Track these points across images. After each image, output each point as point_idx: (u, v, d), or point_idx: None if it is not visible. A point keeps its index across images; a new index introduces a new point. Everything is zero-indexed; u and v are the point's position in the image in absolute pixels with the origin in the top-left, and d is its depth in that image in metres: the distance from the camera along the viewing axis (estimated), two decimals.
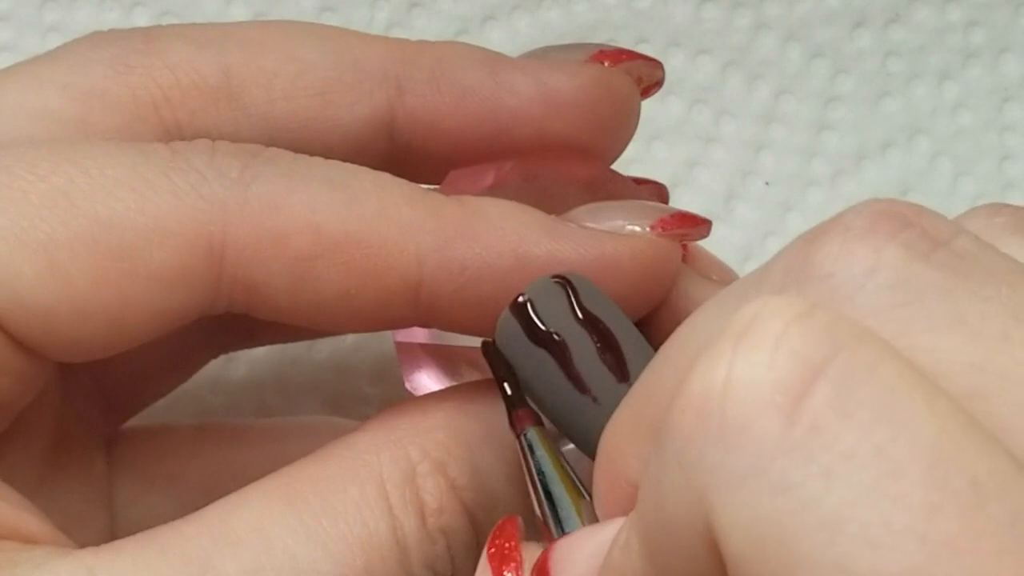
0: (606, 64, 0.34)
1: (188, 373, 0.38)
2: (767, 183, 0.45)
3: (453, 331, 0.31)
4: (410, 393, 0.34)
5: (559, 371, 0.29)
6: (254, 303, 0.30)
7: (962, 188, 0.45)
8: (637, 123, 0.35)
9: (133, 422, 0.37)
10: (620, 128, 0.34)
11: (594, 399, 0.29)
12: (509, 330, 0.29)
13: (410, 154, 0.34)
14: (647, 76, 0.35)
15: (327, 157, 0.31)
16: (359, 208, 0.30)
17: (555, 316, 0.29)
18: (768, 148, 0.45)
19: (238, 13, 0.45)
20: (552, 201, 0.32)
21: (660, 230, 0.31)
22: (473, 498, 0.30)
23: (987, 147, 0.45)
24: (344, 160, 0.31)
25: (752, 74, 0.45)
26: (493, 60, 0.34)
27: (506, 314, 0.29)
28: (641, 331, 0.30)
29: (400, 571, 0.29)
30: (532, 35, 0.45)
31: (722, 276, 0.33)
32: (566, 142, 0.34)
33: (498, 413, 0.30)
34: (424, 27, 0.45)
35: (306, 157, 0.31)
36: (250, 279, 0.29)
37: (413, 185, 0.31)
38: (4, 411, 0.30)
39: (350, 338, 0.42)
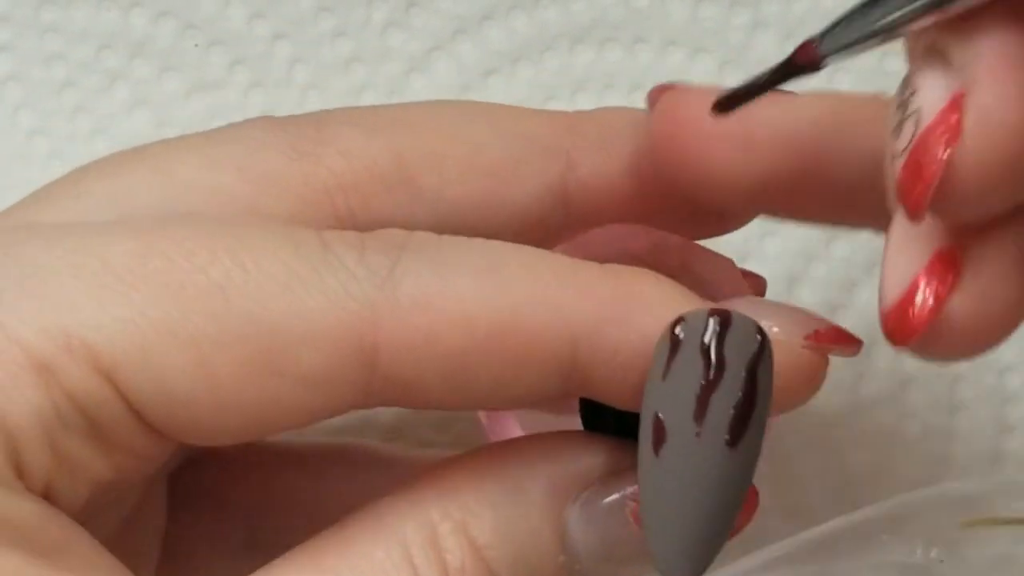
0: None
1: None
2: None
3: (607, 401, 0.31)
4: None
5: (690, 397, 0.29)
6: (407, 398, 0.30)
7: None
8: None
9: None
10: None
11: (697, 435, 0.29)
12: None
13: (585, 222, 0.34)
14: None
15: (501, 237, 0.31)
16: (510, 296, 0.29)
17: (733, 350, 0.29)
18: None
19: (236, 14, 0.45)
20: None
21: (813, 341, 0.30)
22: (496, 556, 0.30)
23: None
24: (521, 236, 0.31)
25: (750, 73, 0.44)
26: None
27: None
28: None
29: None
30: (530, 34, 0.45)
31: None
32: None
33: (521, 471, 0.30)
34: (422, 26, 0.45)
35: (452, 241, 0.30)
36: (403, 378, 0.29)
37: (562, 259, 0.30)
38: (119, 485, 0.30)
39: None
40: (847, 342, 0.31)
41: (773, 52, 0.45)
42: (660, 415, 0.29)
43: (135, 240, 0.29)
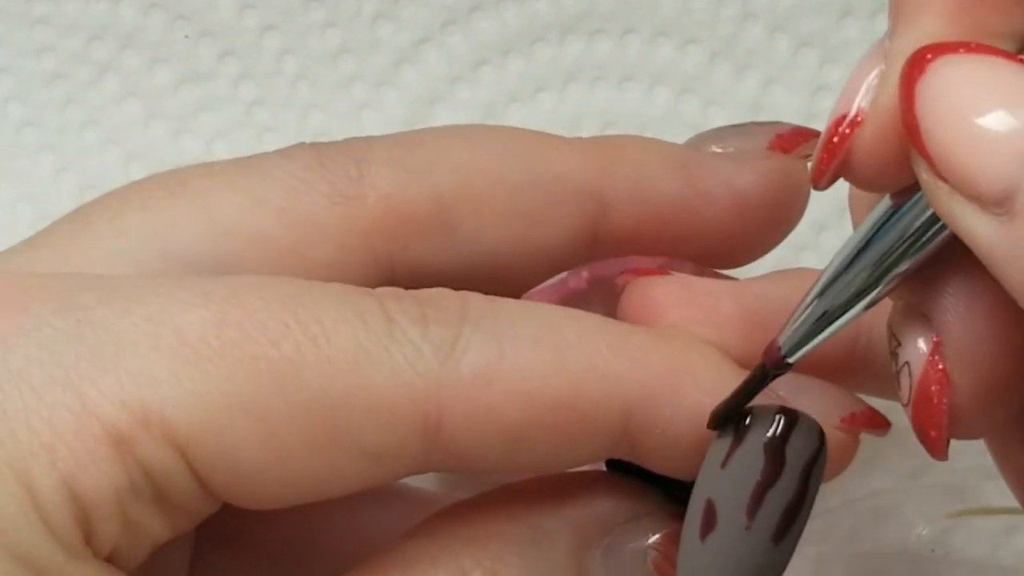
0: (784, 151, 0.35)
1: None
2: None
3: (654, 468, 0.31)
4: None
5: (746, 490, 0.29)
6: (462, 467, 0.30)
7: None
8: (804, 210, 0.35)
9: None
10: (795, 216, 0.35)
11: (747, 528, 0.29)
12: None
13: (605, 257, 0.35)
14: (811, 148, 0.34)
15: (531, 273, 0.32)
16: (568, 370, 0.29)
17: (794, 451, 0.29)
18: None
19: (225, 5, 0.45)
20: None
21: (847, 425, 0.32)
22: None
23: None
24: (545, 270, 0.33)
25: (740, 64, 0.45)
26: (687, 163, 0.34)
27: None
28: None
29: None
30: (519, 25, 0.45)
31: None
32: (747, 240, 0.34)
33: (549, 518, 0.31)
34: (411, 17, 0.45)
35: (507, 310, 0.30)
36: (463, 450, 0.29)
37: (616, 327, 0.31)
38: (173, 541, 0.31)
39: None
40: (878, 424, 0.32)
41: (762, 43, 0.45)
42: (713, 501, 0.29)
43: (208, 310, 0.29)
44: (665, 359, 0.30)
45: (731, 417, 0.30)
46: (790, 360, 0.29)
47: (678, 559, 0.30)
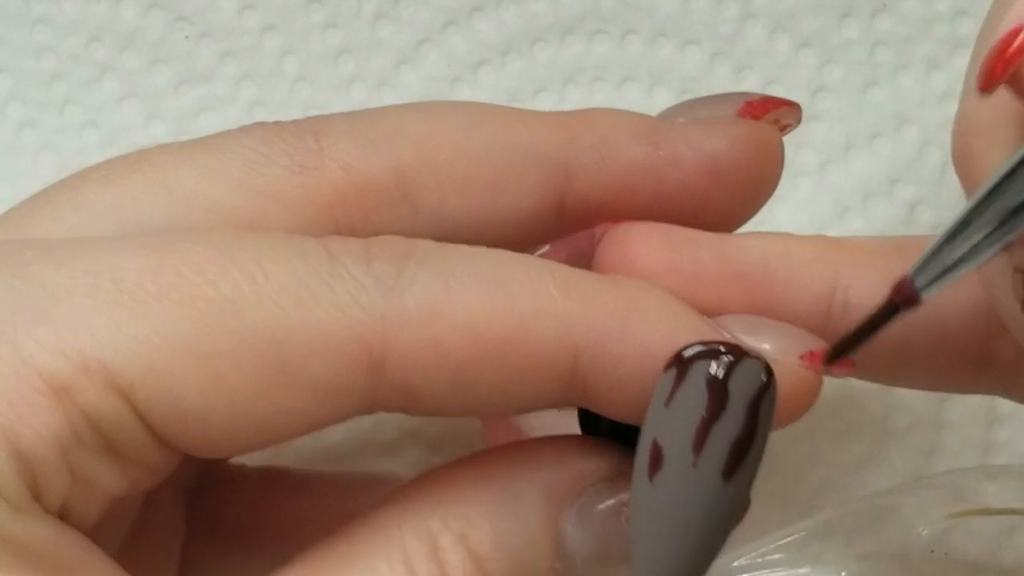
0: (754, 118, 0.34)
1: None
2: None
3: (605, 413, 0.31)
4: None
5: (691, 426, 0.29)
6: (411, 405, 0.30)
7: (950, 178, 0.45)
8: (780, 176, 0.35)
9: None
10: (769, 182, 0.35)
11: (694, 465, 0.29)
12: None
13: (578, 227, 0.34)
14: (786, 119, 0.35)
15: (498, 245, 0.31)
16: (515, 307, 0.29)
17: (739, 385, 0.29)
18: None
19: (225, 6, 0.45)
20: None
21: (808, 361, 0.31)
22: (496, 567, 0.30)
23: None
24: (516, 244, 0.32)
25: (740, 64, 0.45)
26: (655, 131, 0.34)
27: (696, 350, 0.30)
28: None
29: None
30: (519, 26, 0.45)
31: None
32: (722, 207, 0.34)
33: (519, 480, 0.30)
34: (411, 17, 0.45)
35: (456, 250, 0.30)
36: (409, 386, 0.29)
37: (566, 270, 0.31)
38: (131, 498, 0.31)
39: None
40: (841, 363, 0.31)
41: (763, 44, 0.45)
42: (659, 441, 0.29)
43: (145, 257, 0.29)
44: (615, 299, 0.30)
45: (847, 348, 0.30)
46: (924, 295, 0.28)
47: (630, 503, 0.30)
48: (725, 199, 0.34)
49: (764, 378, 0.29)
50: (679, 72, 0.45)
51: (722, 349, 0.29)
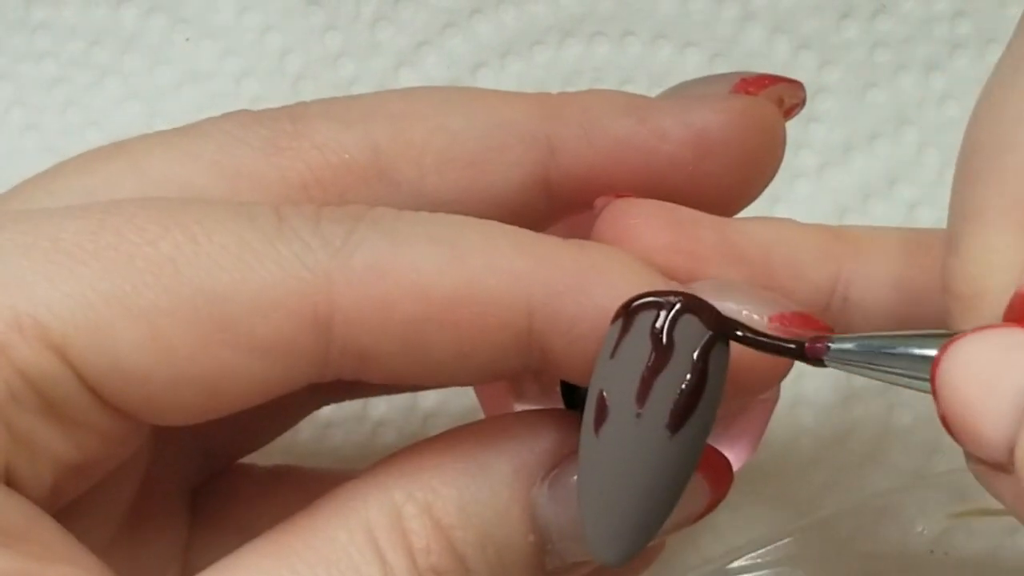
0: (750, 93, 0.34)
1: (288, 425, 0.38)
2: None
3: (559, 375, 0.31)
4: None
5: (635, 377, 0.28)
6: (366, 369, 0.29)
7: (949, 178, 0.44)
8: (783, 154, 0.34)
9: None
10: (769, 160, 0.34)
11: (638, 416, 0.28)
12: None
13: (571, 207, 0.33)
14: (788, 98, 0.34)
15: None
16: (466, 265, 0.29)
17: (684, 335, 0.28)
18: None
19: (225, 8, 0.45)
20: None
21: (778, 324, 0.30)
22: (463, 536, 0.29)
23: None
24: (501, 220, 0.31)
25: (739, 66, 0.45)
26: (639, 106, 0.33)
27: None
28: None
29: None
30: (519, 28, 0.45)
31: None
32: (716, 182, 0.33)
33: (486, 450, 0.30)
34: (410, 19, 0.45)
35: (411, 214, 0.30)
36: (360, 347, 0.29)
37: (523, 231, 0.30)
38: (89, 470, 0.30)
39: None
40: (816, 326, 0.30)
41: (762, 45, 0.45)
42: (604, 393, 0.28)
43: (86, 219, 0.29)
44: (572, 258, 0.29)
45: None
46: (827, 363, 0.28)
47: (579, 458, 0.29)
48: (717, 174, 0.33)
49: (713, 327, 0.28)
50: (679, 73, 0.45)
51: (669, 299, 0.28)
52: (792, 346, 0.28)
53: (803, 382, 0.43)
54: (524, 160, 0.32)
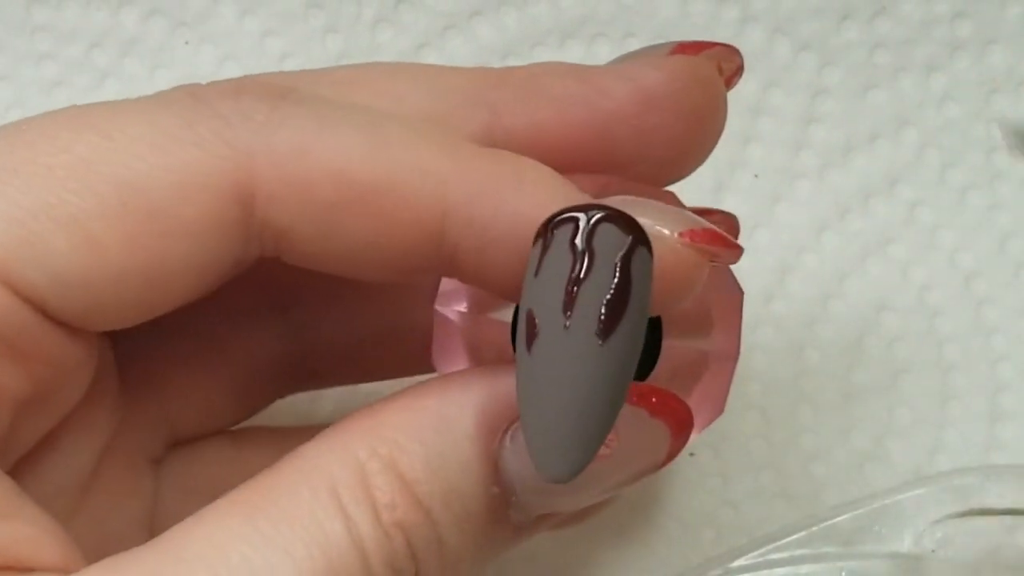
0: (687, 55, 0.34)
1: (251, 411, 0.38)
2: (756, 176, 0.45)
3: (476, 286, 0.31)
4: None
5: (559, 290, 0.28)
6: (283, 249, 0.30)
7: (950, 179, 0.45)
8: (726, 112, 0.34)
9: None
10: (711, 115, 0.34)
11: (566, 328, 0.28)
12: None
13: None
14: (726, 63, 0.34)
15: None
16: (387, 155, 0.29)
17: (604, 244, 0.28)
18: (756, 141, 0.45)
19: (226, 11, 0.45)
20: None
21: (688, 240, 0.30)
22: (428, 491, 0.29)
23: (974, 138, 0.45)
24: None
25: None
26: (581, 69, 0.33)
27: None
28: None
29: (362, 570, 0.28)
30: (519, 30, 0.45)
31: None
32: (662, 137, 0.33)
33: (449, 404, 0.30)
34: (411, 22, 0.45)
35: (337, 102, 0.30)
36: (278, 225, 0.29)
37: (453, 134, 0.30)
38: (45, 406, 0.30)
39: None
40: (725, 245, 0.30)
41: (762, 46, 0.45)
42: (533, 312, 0.28)
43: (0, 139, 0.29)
44: (492, 164, 0.30)
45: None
46: None
47: (516, 380, 0.28)
48: (662, 127, 0.33)
49: (631, 234, 0.28)
50: None
51: (584, 211, 0.28)
52: None
53: (804, 381, 0.43)
54: (468, 122, 0.32)
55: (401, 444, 0.29)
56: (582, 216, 0.28)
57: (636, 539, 0.43)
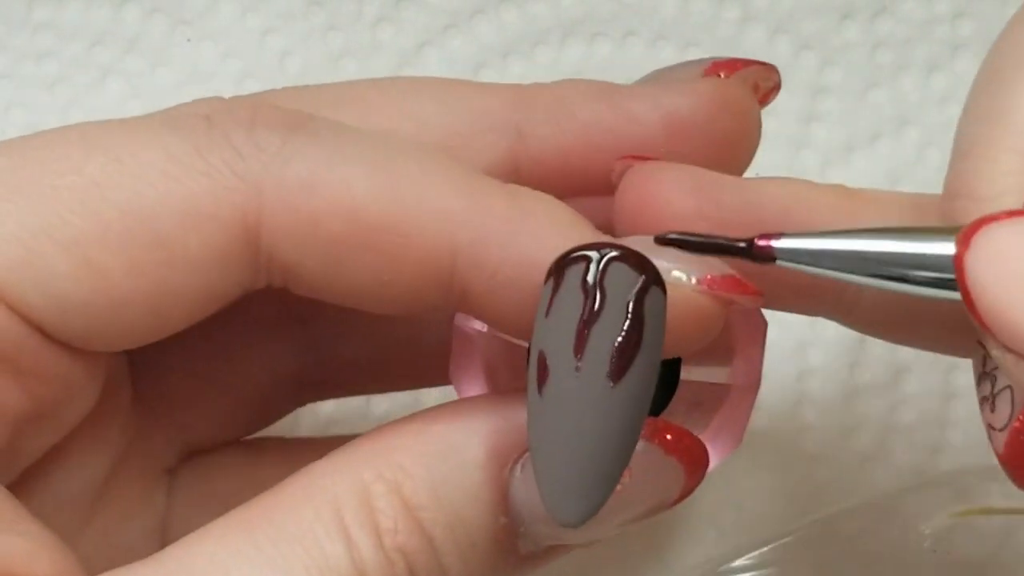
0: (722, 76, 0.33)
1: (267, 422, 0.38)
2: (757, 175, 0.45)
3: (488, 324, 0.31)
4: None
5: (571, 331, 0.27)
6: (291, 281, 0.30)
7: None
8: (759, 135, 0.34)
9: None
10: (743, 141, 0.33)
11: (577, 369, 0.27)
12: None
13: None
14: (763, 81, 0.34)
15: None
16: (398, 192, 0.29)
17: (616, 284, 0.28)
18: None
19: (227, 9, 0.45)
20: None
21: (706, 287, 0.29)
22: (431, 517, 0.29)
23: None
24: None
25: None
26: (610, 91, 0.33)
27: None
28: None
29: None
30: (520, 29, 0.45)
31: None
32: (691, 163, 0.32)
33: (457, 431, 0.30)
34: (412, 20, 0.45)
35: (352, 130, 0.30)
36: (284, 259, 0.29)
37: (465, 169, 0.30)
38: (47, 422, 0.30)
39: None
40: (744, 291, 0.30)
41: (763, 46, 0.45)
42: (544, 352, 0.28)
43: (7, 155, 0.29)
44: (504, 204, 0.29)
45: (678, 244, 0.28)
46: (778, 261, 0.28)
47: (527, 422, 0.28)
48: (690, 156, 0.32)
49: (645, 273, 0.27)
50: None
51: (597, 250, 0.28)
52: (741, 244, 0.28)
53: (806, 381, 0.43)
54: (493, 147, 0.32)
55: (407, 469, 0.29)
56: (594, 255, 0.28)
57: (638, 539, 0.43)
